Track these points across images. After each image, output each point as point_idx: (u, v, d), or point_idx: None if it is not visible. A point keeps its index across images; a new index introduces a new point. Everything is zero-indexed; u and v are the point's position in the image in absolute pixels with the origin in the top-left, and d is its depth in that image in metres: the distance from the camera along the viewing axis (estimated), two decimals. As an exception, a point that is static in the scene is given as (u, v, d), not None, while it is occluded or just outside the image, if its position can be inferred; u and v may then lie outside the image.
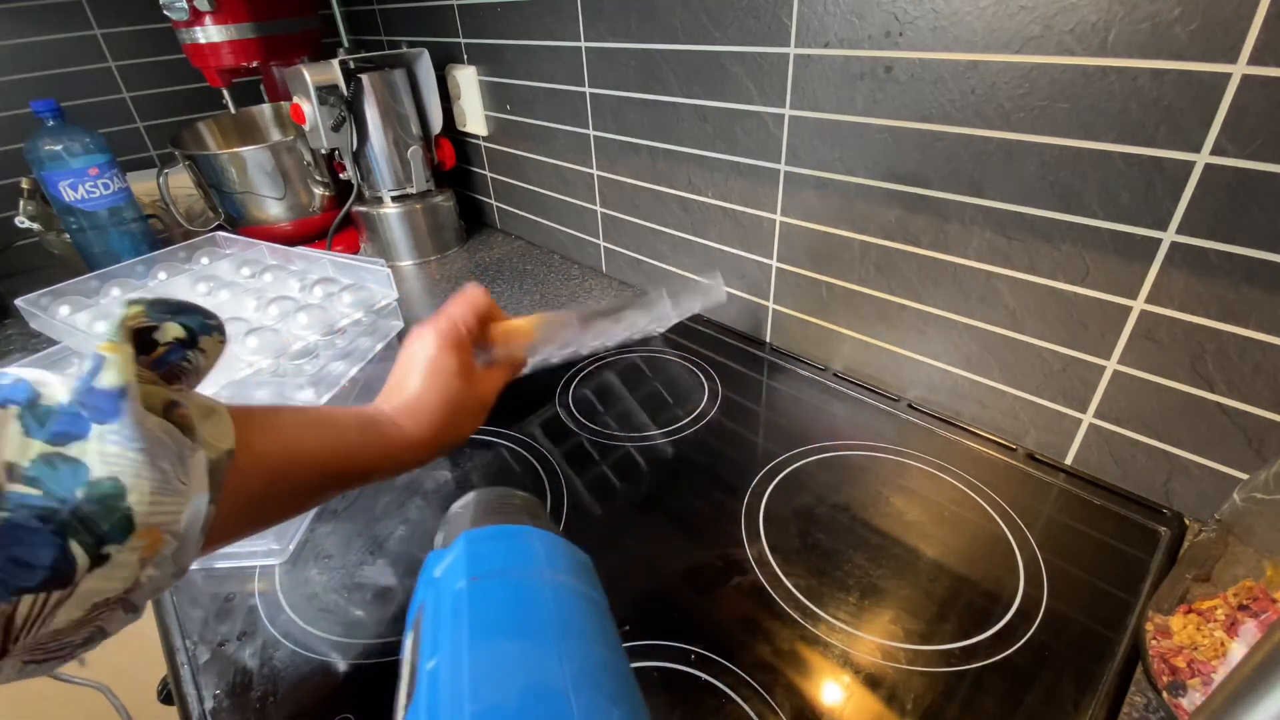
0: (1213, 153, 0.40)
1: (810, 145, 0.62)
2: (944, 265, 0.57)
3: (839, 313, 0.68)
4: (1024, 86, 0.46)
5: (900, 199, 0.57)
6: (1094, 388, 0.52)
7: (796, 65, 0.59)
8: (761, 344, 0.77)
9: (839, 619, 0.44)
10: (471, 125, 1.07)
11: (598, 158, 0.88)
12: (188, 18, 0.94)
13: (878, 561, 0.48)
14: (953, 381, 0.61)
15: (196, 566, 0.51)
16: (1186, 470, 0.49)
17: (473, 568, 0.22)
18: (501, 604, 0.21)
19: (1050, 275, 0.51)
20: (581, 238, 1.00)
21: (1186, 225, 0.43)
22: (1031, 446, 0.58)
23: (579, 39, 0.80)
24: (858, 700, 0.39)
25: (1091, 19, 0.42)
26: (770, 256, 0.72)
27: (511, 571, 0.22)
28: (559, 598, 0.22)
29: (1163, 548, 0.47)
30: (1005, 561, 0.47)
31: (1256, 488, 0.38)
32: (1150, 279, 0.46)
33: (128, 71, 1.19)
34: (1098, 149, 0.45)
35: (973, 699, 0.39)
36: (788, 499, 0.54)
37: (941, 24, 0.49)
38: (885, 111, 0.55)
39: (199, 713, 0.41)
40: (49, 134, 0.91)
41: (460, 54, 1.02)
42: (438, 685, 0.19)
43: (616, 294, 0.93)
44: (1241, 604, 0.37)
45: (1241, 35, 0.37)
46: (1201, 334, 0.45)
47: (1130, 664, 0.40)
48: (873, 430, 0.61)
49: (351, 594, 0.48)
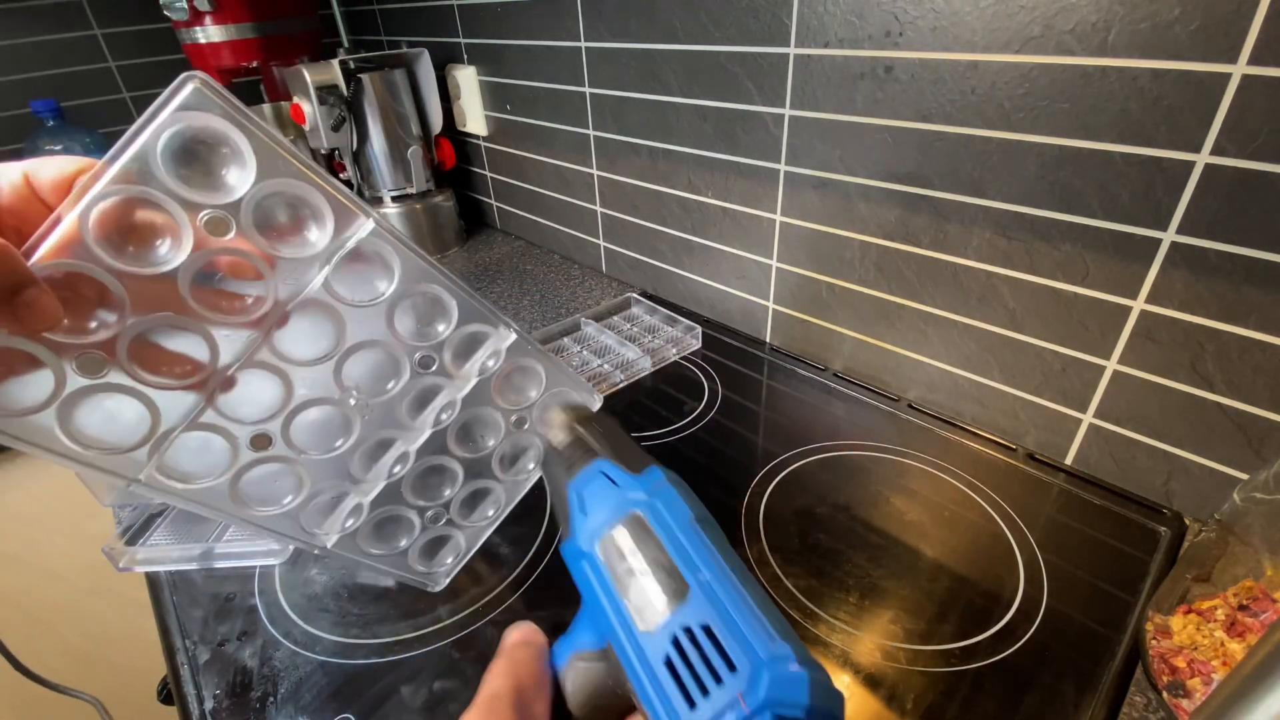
0: (1213, 153, 0.40)
1: (810, 145, 0.62)
2: (944, 265, 0.57)
3: (839, 313, 0.68)
4: (1024, 86, 0.46)
5: (900, 199, 0.57)
6: (1094, 388, 0.52)
7: (796, 65, 0.59)
8: (761, 344, 0.77)
9: (839, 619, 0.44)
10: (471, 125, 1.07)
11: (598, 158, 0.88)
12: (188, 18, 0.94)
13: (878, 561, 0.48)
14: (953, 381, 0.61)
15: (196, 567, 0.51)
16: (1186, 470, 0.49)
17: (691, 510, 0.27)
18: (723, 545, 0.26)
19: (1050, 275, 0.51)
20: (581, 238, 1.00)
21: (1186, 225, 0.43)
22: (1031, 446, 0.58)
23: (579, 39, 0.80)
24: (858, 700, 0.39)
25: (1091, 19, 0.42)
26: (770, 256, 0.72)
27: (708, 519, 0.27)
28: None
29: (1163, 548, 0.47)
30: (1005, 561, 0.47)
31: (1256, 488, 0.38)
32: (1150, 279, 0.46)
33: (128, 71, 1.19)
34: (1098, 149, 0.45)
35: (973, 699, 0.39)
36: (788, 499, 0.54)
37: (941, 24, 0.49)
38: (885, 111, 0.55)
39: (199, 713, 0.41)
40: (49, 134, 0.91)
41: (460, 54, 1.02)
42: (717, 596, 0.23)
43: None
44: (1241, 604, 0.38)
45: (1241, 35, 0.37)
46: (1201, 334, 0.45)
47: (1130, 664, 0.40)
48: (873, 430, 0.61)
49: (351, 594, 0.48)
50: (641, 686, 0.23)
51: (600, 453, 0.30)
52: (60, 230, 0.27)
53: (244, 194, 0.30)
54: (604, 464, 0.29)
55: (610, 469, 0.29)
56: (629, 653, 0.24)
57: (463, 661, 0.43)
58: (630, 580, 0.25)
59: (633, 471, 0.28)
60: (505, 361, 0.41)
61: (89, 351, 0.29)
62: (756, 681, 0.20)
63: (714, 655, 0.22)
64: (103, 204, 0.27)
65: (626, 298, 0.86)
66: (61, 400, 0.29)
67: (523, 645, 0.29)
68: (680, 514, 0.26)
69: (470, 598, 0.47)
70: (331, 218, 0.32)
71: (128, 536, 0.54)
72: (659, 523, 0.26)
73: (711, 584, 0.23)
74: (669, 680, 0.22)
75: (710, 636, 0.22)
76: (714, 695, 0.21)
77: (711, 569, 0.24)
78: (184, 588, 0.50)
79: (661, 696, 0.22)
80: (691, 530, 0.26)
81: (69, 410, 0.29)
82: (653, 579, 0.24)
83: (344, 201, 0.32)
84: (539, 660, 0.29)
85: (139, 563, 0.52)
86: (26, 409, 0.28)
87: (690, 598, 0.23)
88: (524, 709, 0.26)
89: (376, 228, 0.33)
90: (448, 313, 0.38)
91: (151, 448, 0.32)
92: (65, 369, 0.28)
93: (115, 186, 0.27)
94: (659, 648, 0.23)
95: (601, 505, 0.28)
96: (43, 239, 0.27)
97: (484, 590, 0.47)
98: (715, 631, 0.22)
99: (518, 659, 0.28)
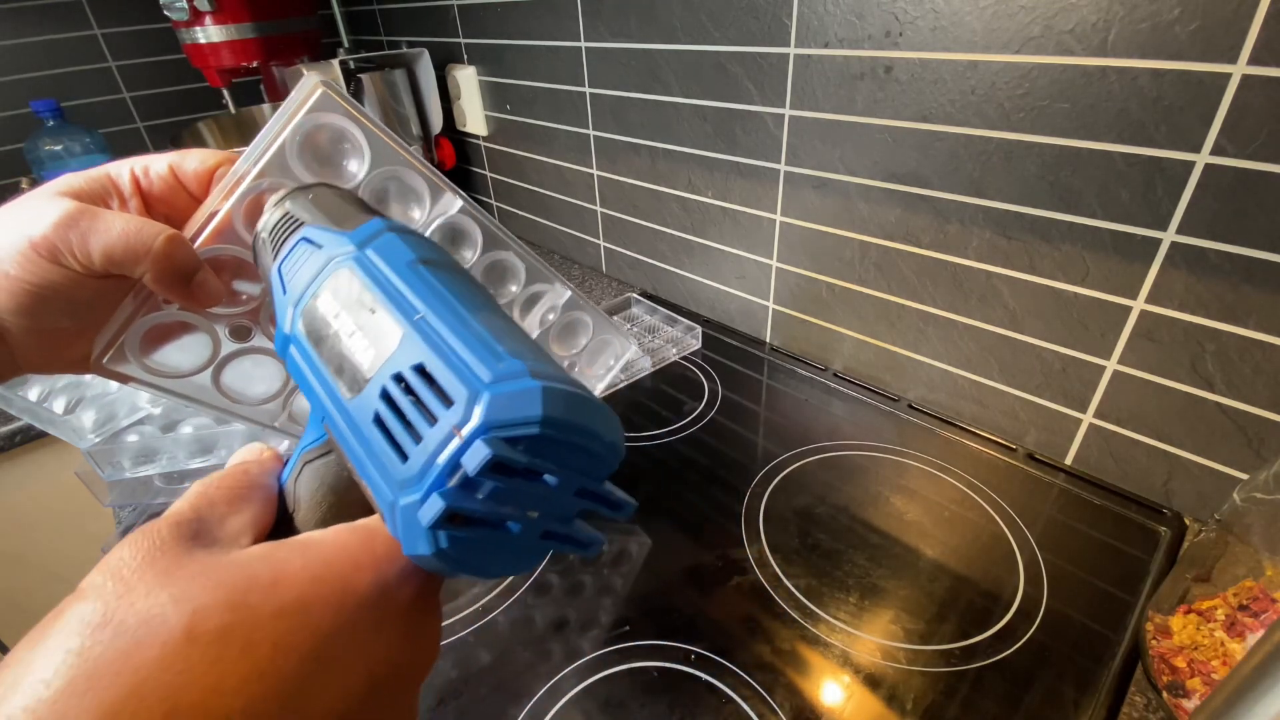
0: (1213, 153, 0.40)
1: (810, 145, 0.62)
2: (944, 265, 0.57)
3: (839, 313, 0.68)
4: (1024, 86, 0.46)
5: (900, 199, 0.57)
6: (1094, 388, 0.52)
7: (796, 65, 0.59)
8: (761, 344, 0.77)
9: (839, 619, 0.44)
10: (471, 125, 1.07)
11: (598, 158, 0.88)
12: (188, 18, 0.94)
13: (878, 561, 0.48)
14: (953, 381, 0.61)
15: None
16: (1186, 470, 0.49)
17: (414, 252, 0.23)
18: (458, 282, 0.23)
19: (1050, 275, 0.51)
20: (581, 238, 1.00)
21: (1186, 225, 0.43)
22: (1031, 446, 0.58)
23: (579, 39, 0.80)
24: (858, 700, 0.39)
25: (1091, 19, 0.42)
26: (770, 256, 0.72)
27: (443, 261, 0.24)
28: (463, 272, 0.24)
29: (1163, 548, 0.47)
30: (1005, 561, 0.47)
31: (1256, 488, 0.38)
32: (1150, 279, 0.46)
33: (128, 71, 1.19)
34: (1098, 149, 0.45)
35: (973, 699, 0.39)
36: (788, 499, 0.54)
37: (941, 24, 0.49)
38: (885, 111, 0.55)
39: (199, 713, 0.41)
40: (49, 134, 0.92)
41: (460, 54, 1.02)
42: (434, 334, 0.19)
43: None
44: (1241, 604, 0.37)
45: (1241, 35, 0.37)
46: (1201, 334, 0.45)
47: (1130, 664, 0.40)
48: (873, 430, 0.61)
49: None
50: (358, 461, 0.19)
51: (308, 221, 0.25)
52: (217, 219, 0.31)
53: (361, 179, 0.35)
54: (309, 229, 0.25)
55: (316, 232, 0.24)
56: (342, 429, 0.20)
57: (463, 661, 0.43)
58: (337, 348, 0.20)
59: (345, 230, 0.24)
60: (561, 314, 0.46)
61: (239, 320, 0.34)
62: (473, 406, 0.17)
63: (430, 396, 0.18)
64: (249, 196, 0.31)
65: (626, 298, 0.86)
66: (218, 362, 0.35)
67: (230, 466, 0.23)
68: (398, 257, 0.22)
69: (471, 597, 0.47)
70: (429, 197, 0.38)
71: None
72: (369, 273, 0.21)
73: (429, 321, 0.19)
74: (381, 439, 0.18)
75: (424, 377, 0.18)
76: (427, 438, 0.17)
77: (434, 305, 0.20)
78: (184, 588, 0.50)
79: (375, 461, 0.18)
80: (410, 271, 0.21)
81: (222, 370, 0.35)
82: (361, 337, 0.20)
83: (439, 183, 0.38)
84: (245, 474, 0.22)
85: (139, 563, 0.51)
86: (191, 370, 0.34)
87: (402, 342, 0.19)
88: (202, 528, 0.19)
89: (464, 205, 0.39)
90: (518, 275, 0.44)
91: (284, 400, 0.37)
92: (220, 336, 0.34)
93: (260, 180, 0.31)
94: (369, 408, 0.19)
95: (302, 275, 0.23)
96: (203, 228, 0.31)
97: (485, 589, 0.47)
98: (430, 369, 0.18)
99: (211, 479, 0.21)
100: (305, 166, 0.33)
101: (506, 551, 0.18)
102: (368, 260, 0.22)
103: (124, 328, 0.31)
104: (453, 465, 0.16)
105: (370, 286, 0.21)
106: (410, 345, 0.19)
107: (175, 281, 0.29)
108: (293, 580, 0.17)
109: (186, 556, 0.17)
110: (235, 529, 0.20)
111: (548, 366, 0.18)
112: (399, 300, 0.20)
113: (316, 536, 0.19)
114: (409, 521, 0.17)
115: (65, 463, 0.82)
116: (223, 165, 0.32)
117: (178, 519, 0.19)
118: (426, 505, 0.16)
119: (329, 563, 0.18)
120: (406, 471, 0.17)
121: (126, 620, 0.15)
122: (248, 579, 0.17)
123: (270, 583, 0.17)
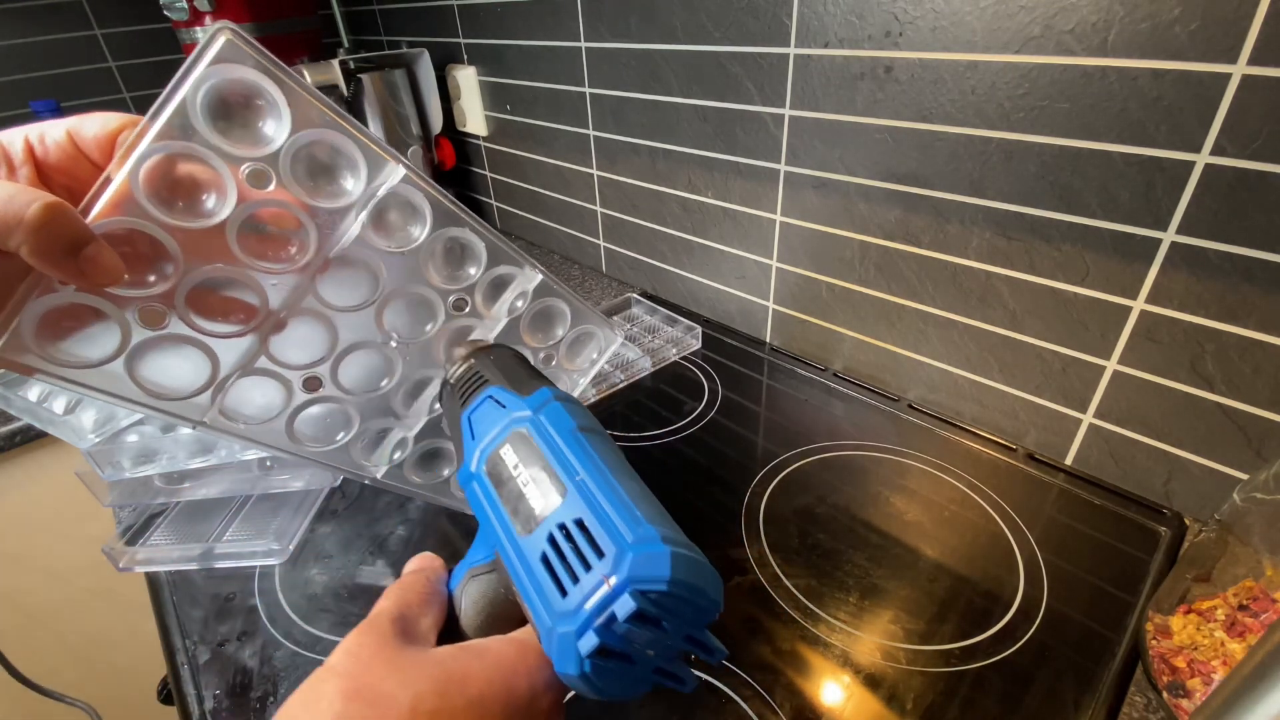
0: (1213, 153, 0.40)
1: (810, 145, 0.62)
2: (944, 265, 0.57)
3: (839, 313, 0.68)
4: (1024, 86, 0.46)
5: (900, 199, 0.57)
6: (1094, 388, 0.52)
7: (796, 65, 0.59)
8: (761, 344, 0.77)
9: (839, 619, 0.44)
10: (471, 125, 1.07)
11: (598, 158, 0.88)
12: (188, 18, 0.94)
13: (878, 561, 0.48)
14: (953, 381, 0.61)
15: (196, 567, 0.51)
16: (1186, 470, 0.49)
17: (574, 420, 0.28)
18: (606, 450, 0.28)
19: (1050, 275, 0.51)
20: (581, 238, 1.00)
21: (1186, 225, 0.43)
22: (1031, 446, 0.58)
23: (579, 39, 0.80)
24: (858, 700, 0.39)
25: (1091, 19, 0.42)
26: (770, 256, 0.72)
27: (594, 429, 0.29)
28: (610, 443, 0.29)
29: (1163, 548, 0.47)
30: (1005, 561, 0.47)
31: (1256, 488, 0.38)
32: (1150, 279, 0.46)
33: (128, 71, 1.19)
34: (1098, 149, 0.45)
35: (973, 699, 0.39)
36: (788, 499, 0.54)
37: (941, 24, 0.49)
38: (885, 111, 0.55)
39: (199, 713, 0.41)
40: (49, 134, 0.91)
41: (460, 54, 1.02)
42: (591, 494, 0.24)
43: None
44: (1241, 604, 0.37)
45: (1241, 35, 0.37)
46: (1201, 334, 0.45)
47: (1130, 664, 0.40)
48: (873, 430, 0.61)
49: (352, 594, 0.48)
50: (523, 587, 0.24)
51: (492, 381, 0.32)
52: (112, 188, 0.28)
53: (281, 145, 0.31)
54: (494, 389, 0.31)
55: (499, 393, 0.30)
56: (512, 559, 0.25)
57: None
58: (514, 492, 0.26)
59: (522, 395, 0.30)
60: (532, 301, 0.42)
61: (149, 304, 0.31)
62: (621, 562, 0.21)
63: (585, 546, 0.22)
64: (149, 160, 0.28)
65: (626, 298, 0.86)
66: (129, 351, 0.31)
67: (414, 571, 0.30)
68: (563, 425, 0.28)
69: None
70: (365, 166, 0.33)
71: (128, 536, 0.54)
72: (541, 436, 0.27)
73: (587, 483, 0.24)
74: (544, 575, 0.23)
75: (583, 529, 0.23)
76: (584, 581, 0.22)
77: (589, 469, 0.25)
78: (184, 588, 0.50)
79: (539, 591, 0.23)
80: (572, 438, 0.27)
81: (136, 360, 0.31)
82: (535, 487, 0.25)
83: (376, 149, 0.33)
84: (429, 582, 0.29)
85: (139, 563, 0.52)
86: (100, 360, 0.30)
87: (567, 498, 0.24)
88: (407, 626, 0.26)
89: (407, 174, 0.34)
90: (477, 256, 0.40)
91: (213, 392, 0.34)
92: (129, 321, 0.30)
93: (160, 144, 0.28)
94: (537, 547, 0.24)
95: (490, 427, 0.29)
96: (96, 198, 0.28)
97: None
98: (587, 524, 0.23)
99: (406, 583, 0.29)
100: (214, 128, 0.29)
101: (626, 680, 0.23)
102: (541, 424, 0.28)
103: (14, 311, 0.27)
104: (605, 609, 0.21)
105: (543, 448, 0.27)
106: (573, 502, 0.24)
107: (58, 256, 0.25)
108: (475, 679, 0.24)
109: (402, 651, 0.24)
110: (426, 627, 0.27)
111: (673, 532, 0.24)
112: (564, 462, 0.26)
113: (485, 644, 0.25)
114: (564, 646, 0.22)
115: (65, 463, 0.82)
116: (126, 129, 0.28)
117: (391, 617, 0.26)
118: (584, 639, 0.21)
119: (499, 667, 0.24)
120: (565, 605, 0.22)
121: (368, 695, 0.22)
122: (446, 674, 0.23)
123: (461, 679, 0.23)
